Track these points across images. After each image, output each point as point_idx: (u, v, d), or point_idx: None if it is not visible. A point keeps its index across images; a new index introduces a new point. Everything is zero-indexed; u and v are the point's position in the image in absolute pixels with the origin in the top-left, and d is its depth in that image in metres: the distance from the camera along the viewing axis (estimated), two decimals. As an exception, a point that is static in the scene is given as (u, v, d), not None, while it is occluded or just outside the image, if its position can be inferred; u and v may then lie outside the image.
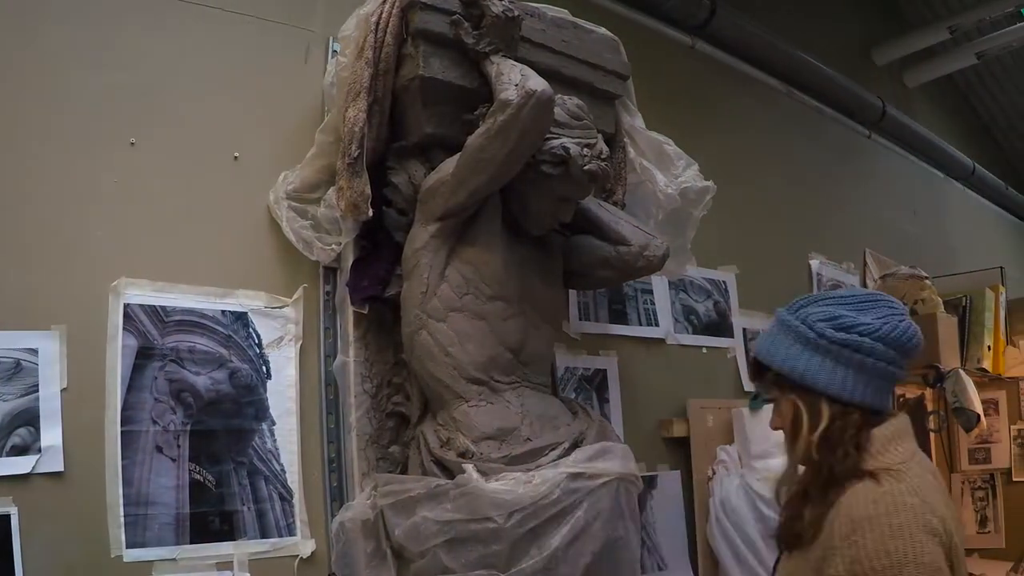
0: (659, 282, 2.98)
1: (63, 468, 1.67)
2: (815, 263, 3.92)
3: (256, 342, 1.98)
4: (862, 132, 4.59)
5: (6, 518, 1.59)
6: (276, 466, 1.95)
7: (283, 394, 2.00)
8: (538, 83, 1.80)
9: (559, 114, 1.91)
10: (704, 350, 3.14)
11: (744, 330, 3.33)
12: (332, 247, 2.04)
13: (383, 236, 2.05)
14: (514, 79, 1.82)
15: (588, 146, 1.93)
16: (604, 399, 2.70)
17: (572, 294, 2.59)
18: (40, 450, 1.65)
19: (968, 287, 4.50)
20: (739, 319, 3.32)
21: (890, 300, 1.52)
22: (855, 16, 4.90)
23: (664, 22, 3.28)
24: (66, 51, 1.81)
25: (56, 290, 1.74)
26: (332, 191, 2.00)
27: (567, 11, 2.26)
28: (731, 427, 2.99)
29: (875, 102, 4.48)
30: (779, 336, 1.53)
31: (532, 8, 2.13)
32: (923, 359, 4.01)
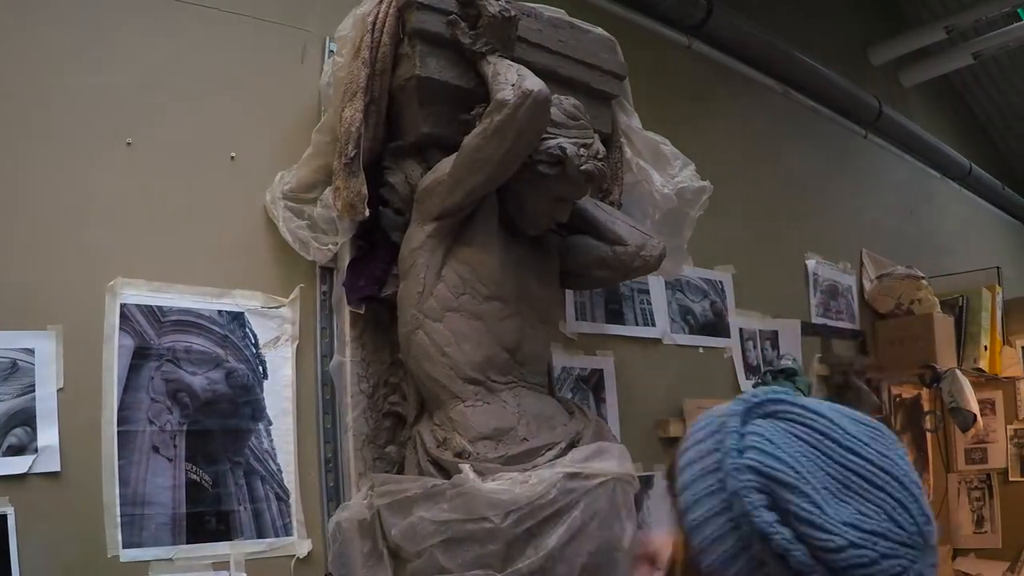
0: (655, 282, 2.98)
1: (60, 468, 1.67)
2: (811, 263, 3.92)
3: (252, 342, 1.98)
4: (858, 132, 4.59)
5: (2, 518, 1.59)
6: (272, 466, 1.95)
7: (280, 394, 2.00)
8: (535, 83, 1.80)
9: (556, 114, 1.91)
10: (700, 350, 3.15)
11: (740, 330, 3.33)
12: (329, 247, 2.04)
13: (380, 236, 2.05)
14: (511, 79, 1.82)
15: (585, 146, 1.93)
16: (601, 399, 2.70)
17: (569, 294, 2.59)
18: (37, 450, 1.65)
19: (964, 287, 4.52)
20: (735, 319, 3.32)
21: (904, 482, 0.82)
22: (851, 16, 4.90)
23: (661, 22, 3.28)
24: (62, 51, 1.81)
25: (53, 290, 1.74)
26: (329, 191, 2.00)
27: (564, 11, 2.26)
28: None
29: (871, 102, 4.48)
30: (705, 444, 0.90)
31: (529, 8, 2.13)
32: (920, 359, 4.03)
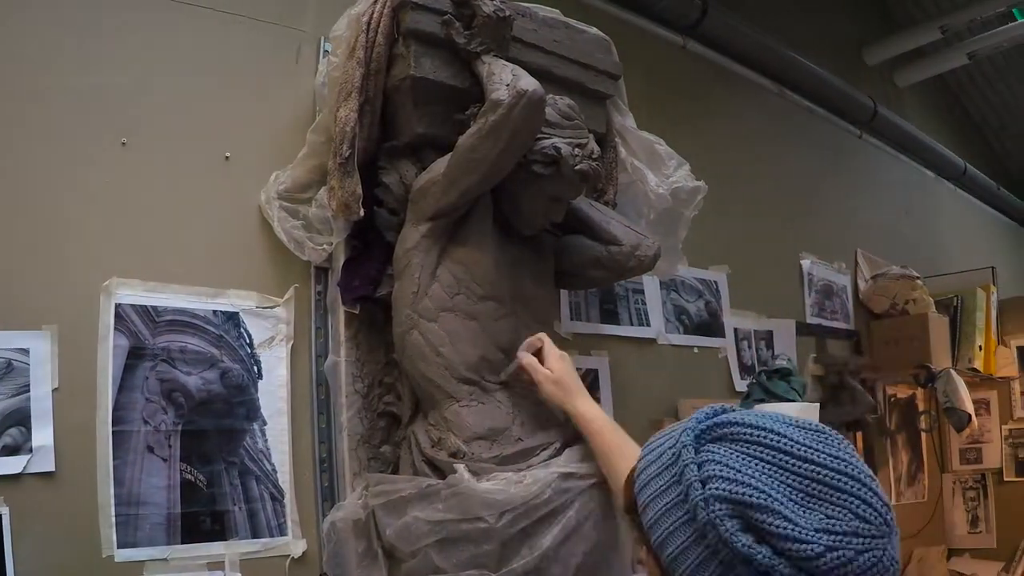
0: (650, 282, 2.98)
1: (54, 468, 1.67)
2: (806, 263, 3.93)
3: (247, 342, 1.98)
4: (853, 132, 4.60)
5: (-3, 518, 1.59)
6: (267, 466, 1.95)
7: (274, 394, 2.00)
8: (529, 83, 1.80)
9: (550, 114, 1.91)
10: (695, 350, 3.15)
11: (735, 330, 3.33)
12: (323, 247, 2.04)
13: (374, 236, 2.04)
14: (505, 79, 1.82)
15: (579, 146, 1.92)
16: (595, 399, 2.68)
17: (563, 294, 2.59)
18: (31, 450, 1.65)
19: (959, 287, 4.53)
20: (730, 319, 3.32)
21: (861, 478, 0.87)
22: (846, 16, 4.91)
23: (656, 22, 3.28)
24: (55, 50, 1.81)
25: (47, 290, 1.73)
26: (323, 191, 2.00)
27: (559, 11, 2.26)
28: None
29: (866, 102, 4.49)
30: (663, 479, 0.95)
31: (523, 8, 2.12)
32: (914, 359, 4.04)
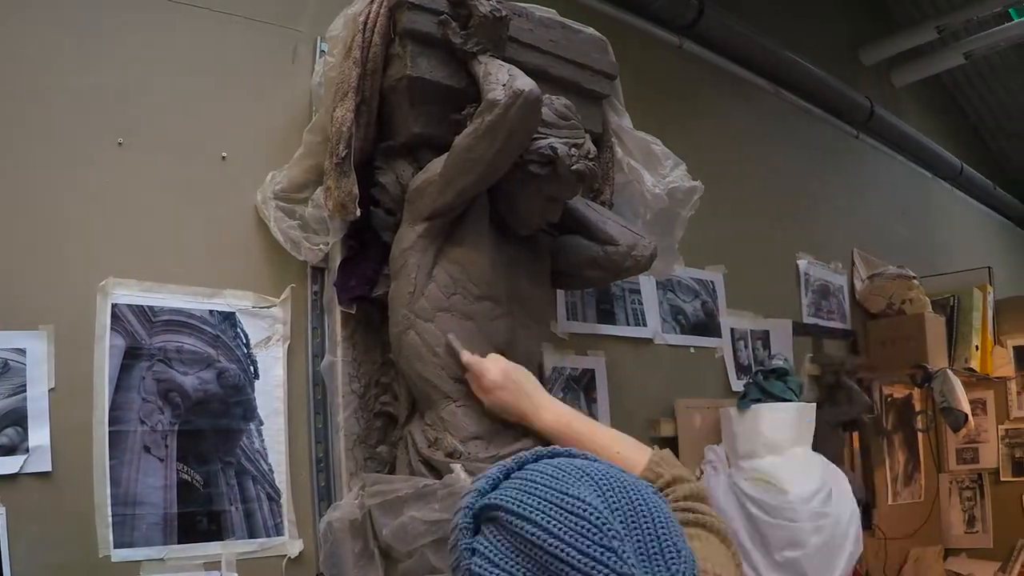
0: (647, 282, 2.98)
1: (51, 468, 1.67)
2: (803, 263, 3.93)
3: (244, 342, 1.98)
4: (850, 132, 4.60)
5: (-7, 518, 1.59)
6: (264, 466, 1.95)
7: (271, 394, 2.00)
8: (526, 83, 1.80)
9: (547, 114, 1.91)
10: (692, 350, 3.15)
11: (732, 330, 3.34)
12: (320, 247, 2.04)
13: (371, 236, 2.04)
14: (502, 79, 1.82)
15: (576, 146, 1.92)
16: (592, 399, 2.71)
17: (560, 294, 2.59)
18: (28, 450, 1.65)
19: (956, 287, 4.54)
20: (727, 319, 3.33)
21: (612, 565, 0.87)
22: (843, 16, 4.91)
23: (652, 22, 3.28)
24: (51, 50, 1.80)
25: (44, 290, 1.73)
26: (320, 191, 2.00)
27: (555, 11, 2.26)
28: (719, 427, 3.00)
29: (863, 102, 4.49)
30: (451, 559, 1.00)
31: (520, 8, 2.13)
32: (911, 359, 4.04)
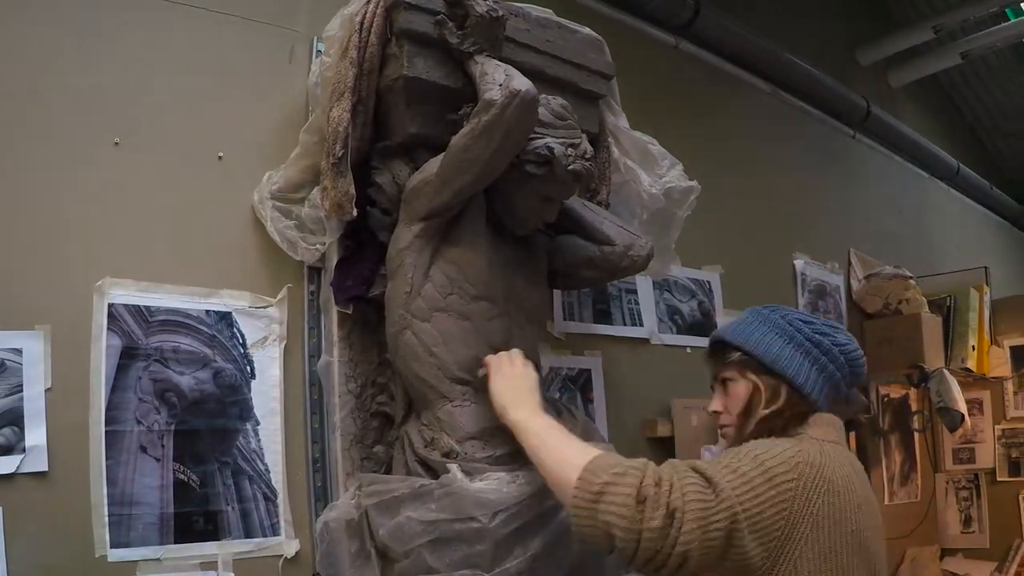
0: (643, 282, 2.98)
1: (47, 468, 1.67)
2: (800, 263, 3.93)
3: (240, 342, 1.98)
4: (846, 132, 4.61)
5: (-11, 518, 1.59)
6: (260, 466, 1.95)
7: (267, 394, 2.00)
8: (522, 83, 1.80)
9: (543, 114, 1.91)
10: (688, 350, 3.14)
11: (729, 330, 3.33)
12: (316, 247, 2.04)
13: (367, 236, 2.04)
14: (498, 79, 1.82)
15: (572, 146, 1.93)
16: (588, 399, 2.71)
17: (556, 294, 2.59)
18: (24, 450, 1.65)
19: (952, 287, 4.54)
20: (724, 319, 3.31)
21: (850, 336, 1.70)
22: (839, 16, 4.92)
23: (648, 22, 3.28)
24: (48, 50, 1.80)
25: (40, 290, 1.73)
26: (316, 191, 2.00)
27: (551, 11, 2.26)
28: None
29: (860, 102, 4.49)
30: (754, 324, 1.71)
31: (516, 8, 2.13)
32: (908, 359, 4.04)
